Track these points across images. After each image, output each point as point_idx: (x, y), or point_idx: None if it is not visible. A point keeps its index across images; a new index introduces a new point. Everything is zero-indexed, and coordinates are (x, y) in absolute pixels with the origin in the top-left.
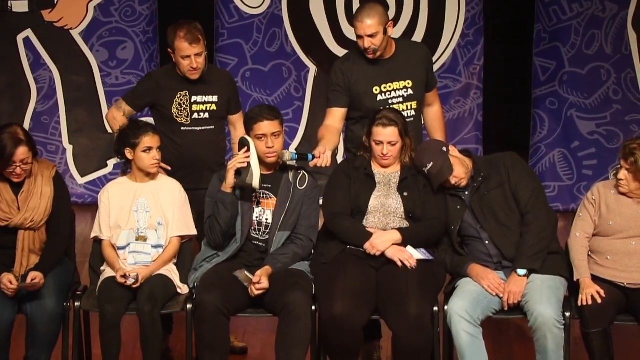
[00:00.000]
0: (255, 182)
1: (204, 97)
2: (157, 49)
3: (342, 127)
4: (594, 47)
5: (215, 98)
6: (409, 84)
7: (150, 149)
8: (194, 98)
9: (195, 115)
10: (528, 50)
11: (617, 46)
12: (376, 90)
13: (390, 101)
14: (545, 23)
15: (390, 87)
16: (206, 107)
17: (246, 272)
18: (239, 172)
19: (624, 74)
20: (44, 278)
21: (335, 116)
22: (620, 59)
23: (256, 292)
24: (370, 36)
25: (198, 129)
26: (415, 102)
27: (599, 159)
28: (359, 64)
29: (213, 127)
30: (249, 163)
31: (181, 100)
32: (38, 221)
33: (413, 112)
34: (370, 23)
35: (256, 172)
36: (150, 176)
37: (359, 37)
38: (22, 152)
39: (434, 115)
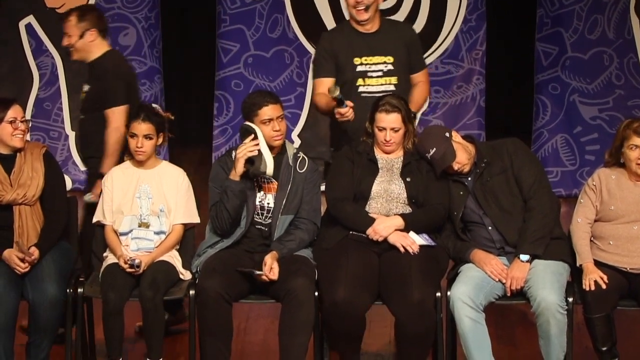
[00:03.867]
0: (270, 170)
1: None
2: (159, 35)
3: None
4: (596, 32)
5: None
6: (389, 59)
7: (134, 135)
8: None
9: None
10: (530, 35)
11: (620, 31)
12: (357, 61)
13: (369, 73)
14: (547, 8)
15: (370, 60)
16: None
17: (255, 272)
18: (249, 161)
19: (626, 59)
20: (43, 255)
21: (326, 85)
22: (623, 44)
23: (272, 277)
24: None
25: None
26: (395, 77)
27: (602, 144)
28: (345, 35)
29: None
30: (259, 151)
31: None
32: (31, 196)
33: (392, 87)
34: None
35: (269, 159)
36: (153, 162)
37: None
38: (17, 108)
39: (414, 89)
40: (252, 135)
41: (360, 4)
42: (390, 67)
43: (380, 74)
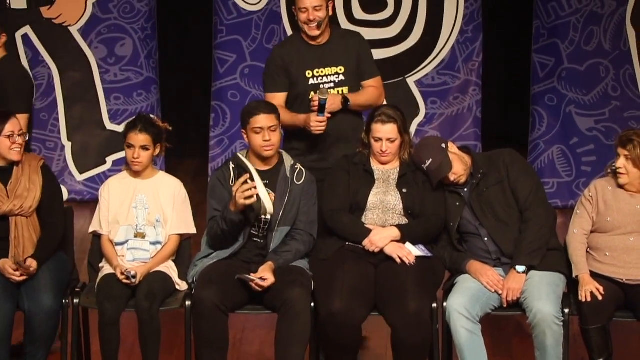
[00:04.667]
0: (270, 209)
1: None
2: (156, 45)
3: None
4: (592, 44)
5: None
6: (340, 70)
7: (131, 146)
8: None
9: None
10: (527, 46)
11: (616, 43)
12: (309, 74)
13: (321, 85)
14: (543, 19)
15: (322, 72)
16: None
17: (246, 276)
18: (249, 207)
19: (622, 70)
20: (40, 267)
21: (279, 100)
22: (619, 56)
23: (263, 284)
24: (315, 9)
25: None
26: (347, 87)
27: (598, 156)
28: (296, 48)
29: None
30: (257, 195)
31: None
32: (27, 207)
33: None
34: None
35: (268, 202)
36: (150, 173)
37: (303, 10)
38: (14, 122)
39: (362, 90)
40: (247, 178)
41: (313, 22)
42: (341, 77)
43: (332, 85)
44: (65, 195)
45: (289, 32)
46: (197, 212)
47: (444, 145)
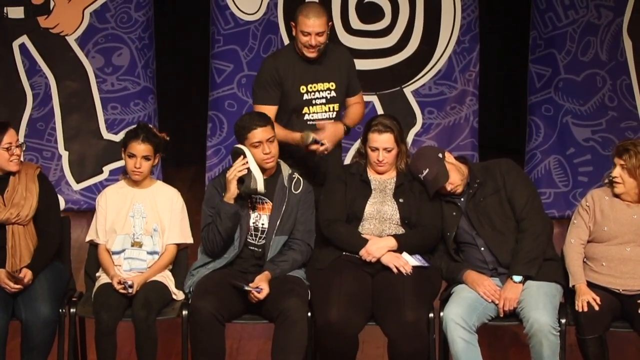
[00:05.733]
0: (260, 186)
1: None
2: (153, 55)
3: None
4: (589, 54)
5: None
6: (332, 86)
7: (133, 155)
8: None
9: None
10: (524, 56)
11: (613, 53)
12: (303, 89)
13: (313, 101)
14: (540, 30)
15: (315, 87)
16: None
17: (243, 286)
18: (241, 181)
19: (619, 80)
20: (36, 276)
21: (270, 112)
22: (616, 66)
23: (259, 296)
24: (318, 34)
25: None
26: (337, 104)
27: (595, 166)
28: (290, 62)
29: None
30: (248, 169)
31: None
32: (24, 216)
33: (334, 114)
34: (321, 21)
35: (258, 176)
36: (147, 182)
37: (305, 33)
38: (12, 133)
39: (350, 107)
40: (241, 157)
41: (314, 47)
42: (333, 93)
43: (323, 101)
44: (62, 205)
45: (286, 41)
46: (194, 221)
47: (440, 155)
